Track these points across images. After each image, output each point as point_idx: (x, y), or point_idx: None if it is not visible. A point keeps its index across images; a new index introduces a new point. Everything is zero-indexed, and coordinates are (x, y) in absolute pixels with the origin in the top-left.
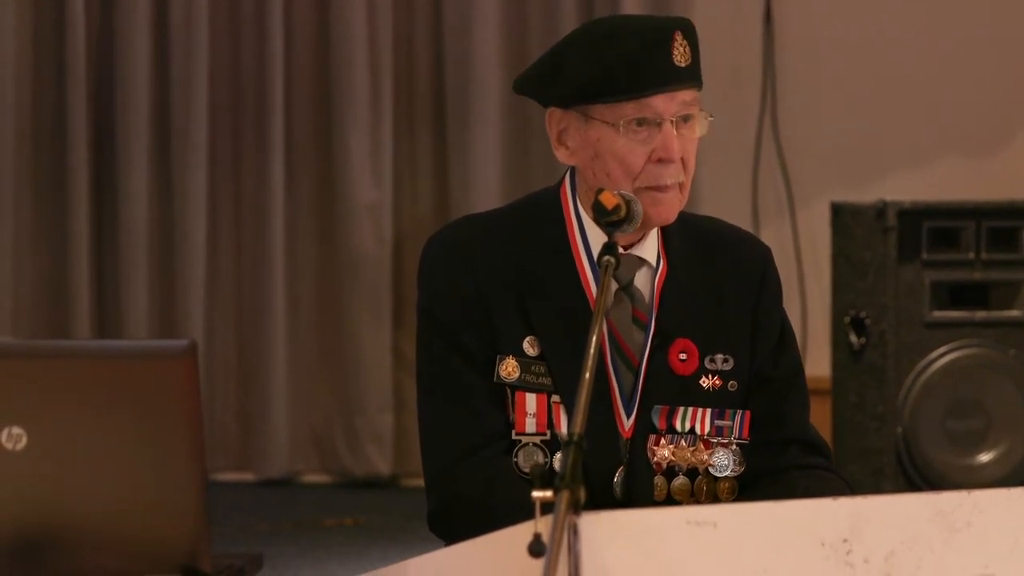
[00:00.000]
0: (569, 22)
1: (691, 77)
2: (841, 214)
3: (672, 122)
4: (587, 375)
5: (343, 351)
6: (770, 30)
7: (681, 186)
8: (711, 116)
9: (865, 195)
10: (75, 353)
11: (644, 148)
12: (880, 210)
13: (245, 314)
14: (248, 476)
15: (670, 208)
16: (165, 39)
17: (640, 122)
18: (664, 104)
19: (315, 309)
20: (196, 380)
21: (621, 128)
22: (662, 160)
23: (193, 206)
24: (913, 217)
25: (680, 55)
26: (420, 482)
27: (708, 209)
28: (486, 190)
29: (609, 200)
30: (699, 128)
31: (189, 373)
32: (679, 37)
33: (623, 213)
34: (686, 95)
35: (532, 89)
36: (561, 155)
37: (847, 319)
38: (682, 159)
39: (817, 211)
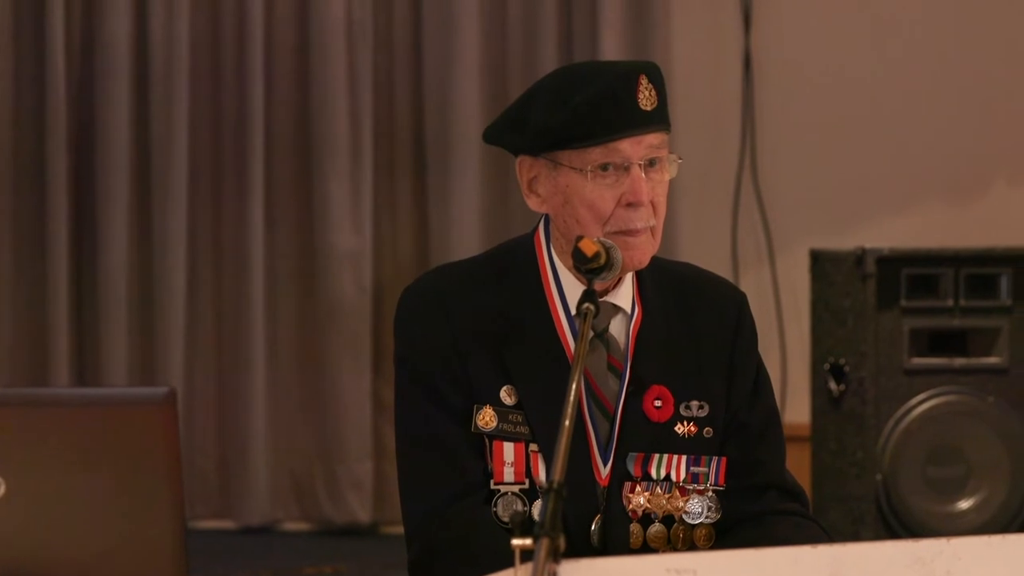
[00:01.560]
0: (549, 67)
1: (658, 120)
2: (820, 261)
3: (640, 165)
4: (567, 423)
5: (323, 398)
6: (749, 76)
7: (652, 230)
8: (680, 159)
9: (844, 242)
10: (54, 401)
11: (613, 193)
12: (859, 257)
13: (225, 361)
14: (228, 524)
15: (642, 252)
16: (145, 86)
17: (607, 167)
18: (631, 148)
19: (295, 356)
20: (175, 427)
21: (589, 173)
22: (631, 204)
23: (172, 253)
24: (892, 264)
25: (646, 99)
26: (400, 530)
27: (687, 255)
28: (466, 237)
29: (589, 247)
30: (668, 171)
31: (168, 421)
32: (644, 81)
33: (603, 260)
34: (653, 138)
35: (501, 138)
36: (532, 203)
37: (826, 366)
38: (652, 203)
39: (796, 258)
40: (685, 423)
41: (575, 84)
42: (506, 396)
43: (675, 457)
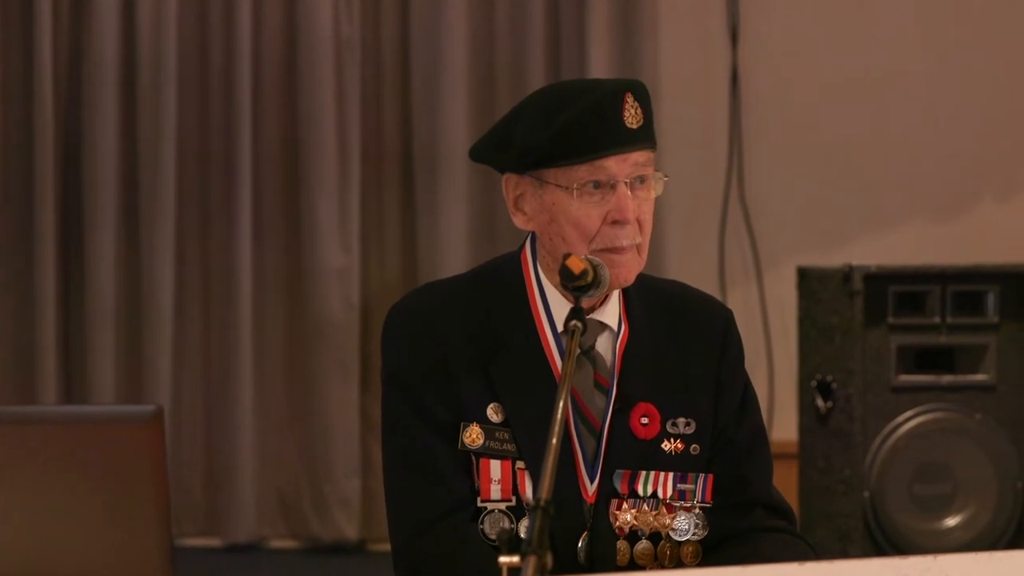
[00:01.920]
0: (537, 84)
1: (644, 138)
2: (807, 278)
3: (626, 183)
4: (554, 441)
5: (311, 416)
6: (737, 93)
7: (639, 247)
8: (666, 176)
9: (832, 259)
10: (41, 419)
11: (599, 210)
12: (846, 274)
13: (212, 379)
14: (215, 541)
15: (628, 270)
16: (133, 104)
17: (594, 184)
18: (617, 166)
19: (283, 374)
20: (163, 445)
21: (575, 191)
22: (617, 222)
23: (160, 270)
24: (879, 281)
25: (631, 116)
26: (387, 547)
27: (675, 273)
28: (454, 254)
29: (576, 265)
30: (654, 189)
31: (156, 438)
32: (630, 99)
33: (590, 278)
34: (639, 156)
35: (487, 156)
36: (518, 220)
37: (814, 383)
38: (638, 220)
39: (784, 275)
40: (672, 440)
41: (561, 102)
42: (493, 413)
43: (662, 474)
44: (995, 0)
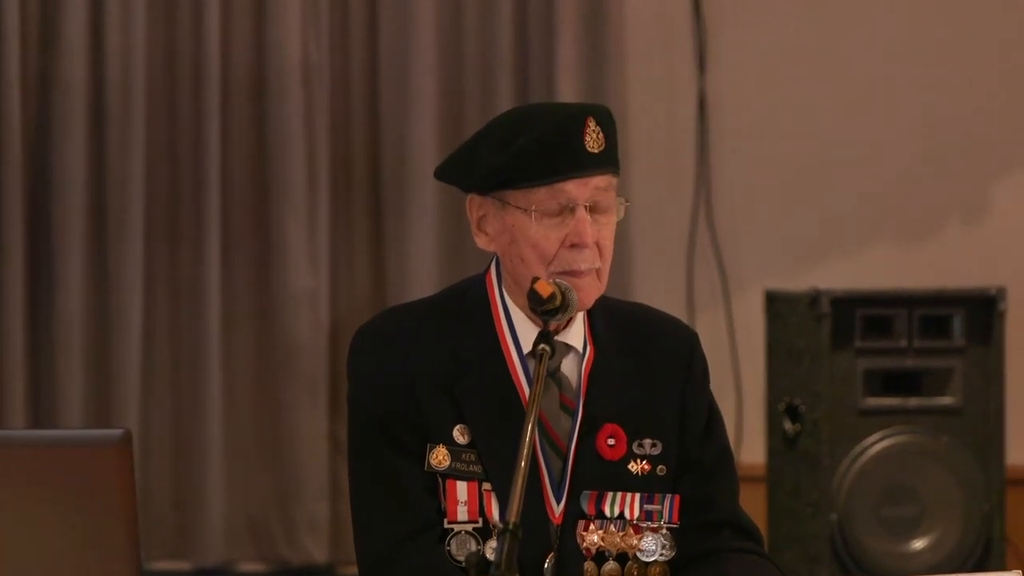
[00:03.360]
0: (506, 109)
1: (605, 163)
2: (775, 302)
3: (586, 207)
4: (522, 463)
5: (279, 438)
6: (704, 117)
7: (598, 272)
8: (627, 201)
9: (799, 283)
10: (8, 442)
11: (558, 233)
12: (814, 298)
13: (181, 401)
14: (184, 565)
15: (587, 294)
16: (101, 126)
17: (553, 207)
18: (577, 189)
19: (251, 396)
20: (131, 469)
21: (534, 214)
22: (575, 245)
23: (128, 293)
24: (846, 305)
25: (593, 141)
26: (356, 570)
27: (643, 296)
28: (423, 277)
29: (545, 289)
30: (616, 213)
31: (124, 462)
32: (591, 123)
33: (558, 302)
34: (600, 180)
35: (451, 176)
36: (481, 241)
37: (781, 406)
38: (598, 244)
39: (751, 299)
40: (638, 461)
41: (523, 124)
42: (459, 435)
43: (628, 495)
44: (959, 25)
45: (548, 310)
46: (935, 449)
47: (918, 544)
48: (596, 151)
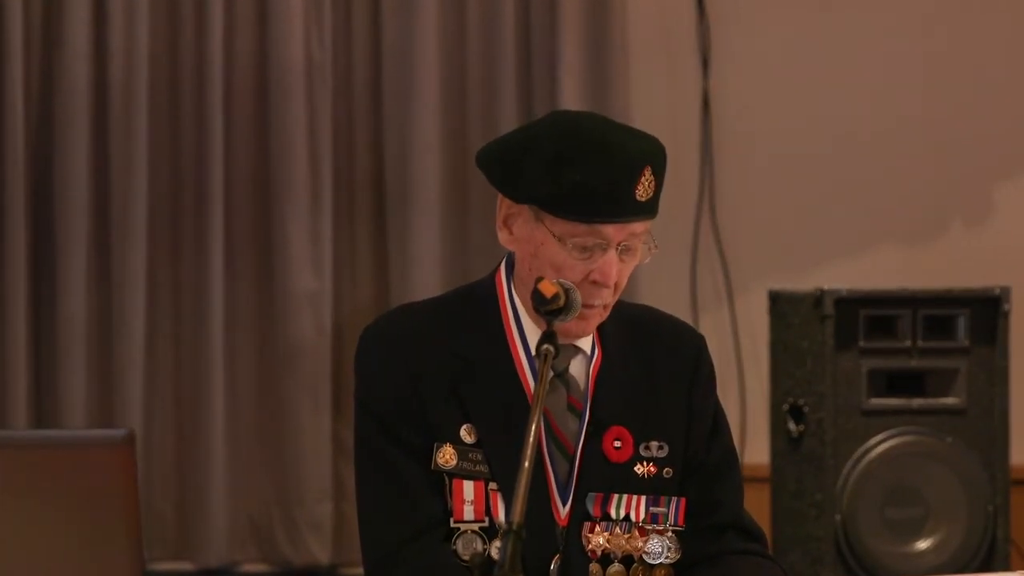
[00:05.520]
0: (509, 112)
1: (650, 211)
2: (779, 302)
3: (617, 249)
4: (526, 464)
5: (282, 440)
6: (708, 118)
7: (606, 306)
8: (656, 247)
9: (803, 283)
10: (11, 443)
11: (583, 267)
12: (817, 298)
13: (184, 403)
14: (186, 566)
15: (590, 325)
16: (104, 128)
17: (587, 243)
18: (615, 233)
19: (254, 398)
20: (133, 469)
21: (568, 244)
22: (596, 283)
23: (131, 295)
24: (850, 305)
25: (644, 191)
26: (360, 571)
27: (646, 298)
28: (426, 280)
29: (548, 289)
30: (640, 256)
31: (126, 462)
32: (647, 173)
33: (562, 302)
34: (639, 226)
35: (490, 172)
36: (503, 237)
37: (785, 407)
38: (615, 283)
39: (755, 299)
40: (644, 463)
41: (575, 154)
42: (466, 435)
43: (634, 497)
44: (964, 26)
45: (552, 310)
46: (939, 450)
47: (922, 545)
48: (644, 200)
